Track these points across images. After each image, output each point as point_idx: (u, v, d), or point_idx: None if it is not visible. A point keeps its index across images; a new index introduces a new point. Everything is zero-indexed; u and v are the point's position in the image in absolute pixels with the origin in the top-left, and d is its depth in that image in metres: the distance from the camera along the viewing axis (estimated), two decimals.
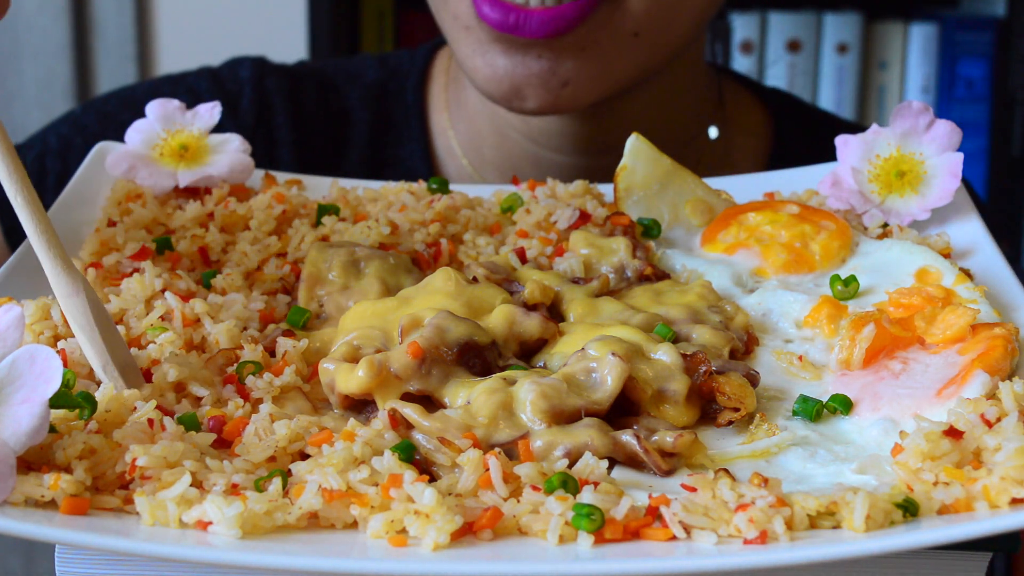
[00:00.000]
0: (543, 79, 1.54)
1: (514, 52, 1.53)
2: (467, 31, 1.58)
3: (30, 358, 0.99)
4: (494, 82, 1.56)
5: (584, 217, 1.43)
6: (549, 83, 1.54)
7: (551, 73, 1.53)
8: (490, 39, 1.55)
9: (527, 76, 1.54)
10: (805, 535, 0.98)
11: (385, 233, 1.38)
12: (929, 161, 1.44)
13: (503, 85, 1.56)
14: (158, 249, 1.36)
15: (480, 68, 1.56)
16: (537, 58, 1.53)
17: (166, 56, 3.30)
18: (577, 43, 1.53)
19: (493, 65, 1.55)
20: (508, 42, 1.53)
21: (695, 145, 1.86)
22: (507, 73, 1.54)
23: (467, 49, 1.58)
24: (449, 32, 1.62)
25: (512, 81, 1.55)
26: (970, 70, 3.16)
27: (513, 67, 1.54)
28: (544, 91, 1.55)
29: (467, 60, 1.59)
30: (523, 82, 1.54)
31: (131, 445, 1.02)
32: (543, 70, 1.53)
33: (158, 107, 1.50)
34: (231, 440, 1.09)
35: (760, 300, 1.33)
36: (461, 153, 1.85)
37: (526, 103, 1.57)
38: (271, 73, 1.89)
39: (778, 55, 3.14)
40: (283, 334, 1.24)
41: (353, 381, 1.13)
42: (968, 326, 1.19)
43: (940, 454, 1.03)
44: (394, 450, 1.03)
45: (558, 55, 1.53)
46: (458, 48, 1.61)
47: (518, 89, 1.55)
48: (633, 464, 1.08)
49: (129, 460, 1.01)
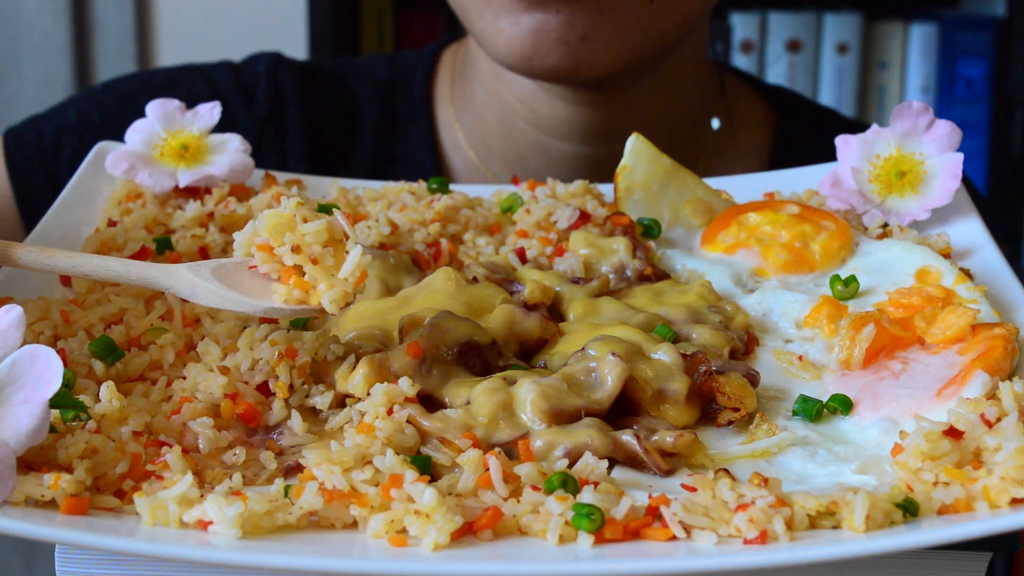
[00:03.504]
0: (561, 32, 1.60)
1: (535, 9, 1.60)
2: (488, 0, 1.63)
3: (30, 358, 0.99)
4: (517, 40, 1.62)
5: (584, 217, 1.43)
6: (567, 36, 1.60)
7: (569, 27, 1.60)
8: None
9: (547, 32, 1.60)
10: (805, 535, 0.98)
11: (385, 233, 1.39)
12: (929, 161, 1.44)
13: (525, 43, 1.61)
14: (158, 249, 1.36)
15: (505, 29, 1.62)
16: (556, 14, 1.60)
17: (166, 56, 3.30)
18: (596, 2, 1.60)
19: (518, 23, 1.61)
20: (528, 0, 1.60)
21: (697, 136, 1.88)
22: (530, 30, 1.61)
23: (490, 15, 1.64)
24: (469, 5, 1.66)
25: (534, 37, 1.61)
26: (970, 70, 3.16)
27: (535, 23, 1.60)
28: (563, 45, 1.61)
29: (490, 26, 1.64)
30: (543, 37, 1.61)
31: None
32: (561, 24, 1.60)
33: (158, 107, 1.50)
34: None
35: (760, 300, 1.33)
36: (467, 146, 1.88)
37: (546, 59, 1.62)
38: (285, 67, 1.94)
39: (778, 55, 3.14)
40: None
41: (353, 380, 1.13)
42: (968, 326, 1.19)
43: (940, 454, 1.03)
44: (413, 461, 1.03)
45: (575, 11, 1.60)
46: (481, 17, 1.65)
47: (539, 45, 1.61)
48: (633, 464, 1.08)
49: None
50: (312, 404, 1.15)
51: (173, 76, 1.92)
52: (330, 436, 1.10)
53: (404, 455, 1.04)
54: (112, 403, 1.09)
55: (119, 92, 1.90)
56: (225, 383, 1.12)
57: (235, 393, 1.12)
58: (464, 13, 1.68)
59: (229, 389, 1.12)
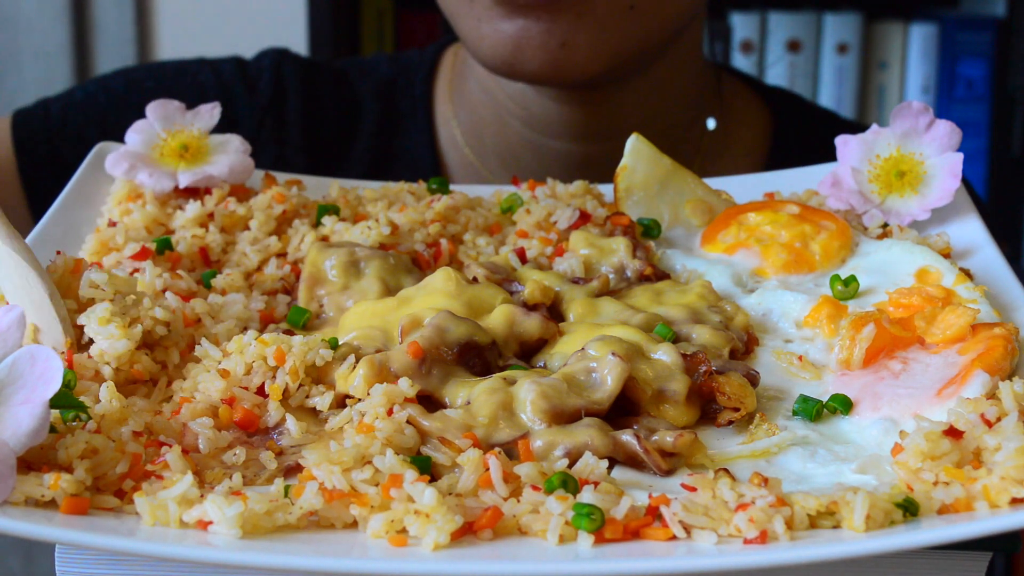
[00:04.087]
0: (542, 40, 1.61)
1: (516, 16, 1.61)
2: (471, 4, 1.64)
3: (31, 359, 0.99)
4: (499, 46, 1.63)
5: (584, 217, 1.43)
6: (548, 43, 1.61)
7: (548, 34, 1.61)
8: (493, 4, 1.62)
9: (528, 38, 1.61)
10: (805, 535, 0.98)
11: (385, 233, 1.39)
12: (929, 161, 1.44)
13: (507, 48, 1.63)
14: (158, 249, 1.36)
15: (486, 35, 1.63)
16: (536, 20, 1.61)
17: (166, 57, 3.30)
18: (575, 8, 1.61)
19: (498, 30, 1.62)
20: (509, 6, 1.61)
21: (692, 135, 1.88)
22: (511, 36, 1.62)
23: (472, 20, 1.65)
24: (454, 8, 1.67)
25: (515, 44, 1.62)
26: (970, 70, 3.15)
27: (516, 30, 1.61)
28: (543, 52, 1.62)
29: (473, 31, 1.65)
30: (524, 44, 1.62)
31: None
32: (541, 31, 1.61)
33: (158, 107, 1.50)
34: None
35: (760, 300, 1.33)
36: (463, 143, 1.89)
37: (527, 65, 1.63)
38: (291, 61, 1.97)
39: (778, 55, 3.14)
40: (283, 334, 1.24)
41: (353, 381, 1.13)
42: (968, 326, 1.19)
43: (940, 454, 1.02)
44: (413, 461, 1.03)
45: (555, 17, 1.61)
46: (463, 22, 1.66)
47: (520, 51, 1.62)
48: (633, 464, 1.08)
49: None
50: (312, 405, 1.15)
51: (181, 66, 1.96)
52: (330, 436, 1.10)
53: (404, 455, 1.04)
54: (112, 403, 1.09)
55: (127, 77, 1.94)
56: (223, 388, 1.12)
57: (232, 398, 1.12)
58: (450, 16, 1.70)
59: (226, 394, 1.12)
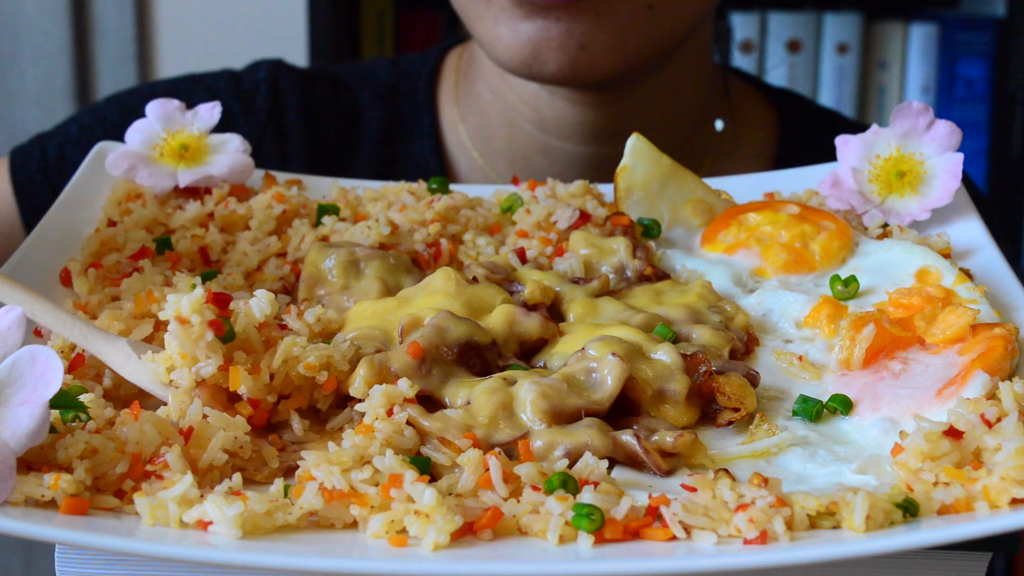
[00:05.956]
0: (561, 41, 1.61)
1: (535, 16, 1.61)
2: (487, 4, 1.64)
3: (31, 359, 0.99)
4: (517, 47, 1.62)
5: (584, 217, 1.43)
6: (567, 44, 1.61)
7: (568, 35, 1.61)
8: (511, 5, 1.62)
9: (546, 39, 1.61)
10: (805, 535, 0.98)
11: (385, 233, 1.39)
12: (929, 161, 1.44)
13: (525, 50, 1.62)
14: (158, 249, 1.36)
15: (504, 36, 1.63)
16: (556, 21, 1.60)
17: (166, 57, 3.30)
18: (594, 8, 1.60)
19: (517, 31, 1.62)
20: (528, 7, 1.61)
21: (701, 137, 1.88)
22: (529, 37, 1.61)
23: (489, 21, 1.64)
24: (470, 9, 1.67)
25: (534, 45, 1.62)
26: (970, 70, 3.15)
27: (534, 31, 1.61)
28: (562, 53, 1.61)
29: (490, 31, 1.65)
30: (543, 45, 1.61)
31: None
32: (561, 32, 1.61)
33: (158, 107, 1.50)
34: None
35: (760, 300, 1.33)
36: (472, 146, 1.89)
37: (546, 66, 1.63)
38: (286, 73, 1.95)
39: (778, 55, 3.14)
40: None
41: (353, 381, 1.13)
42: (968, 326, 1.19)
43: (940, 454, 1.03)
44: (412, 462, 1.03)
45: (575, 18, 1.60)
46: (480, 22, 1.66)
47: (538, 52, 1.62)
48: (633, 464, 1.08)
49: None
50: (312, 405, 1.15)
51: (174, 86, 1.92)
52: (330, 437, 1.10)
53: (404, 455, 1.04)
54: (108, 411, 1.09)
55: (121, 105, 1.91)
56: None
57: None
58: (465, 17, 1.69)
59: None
